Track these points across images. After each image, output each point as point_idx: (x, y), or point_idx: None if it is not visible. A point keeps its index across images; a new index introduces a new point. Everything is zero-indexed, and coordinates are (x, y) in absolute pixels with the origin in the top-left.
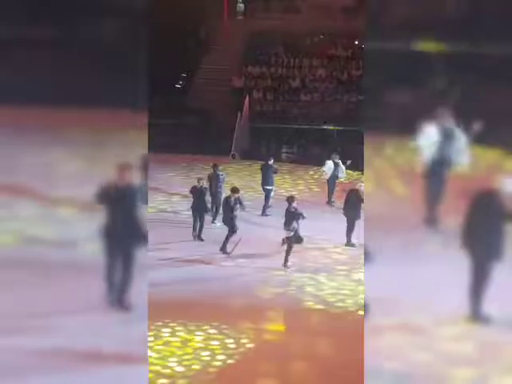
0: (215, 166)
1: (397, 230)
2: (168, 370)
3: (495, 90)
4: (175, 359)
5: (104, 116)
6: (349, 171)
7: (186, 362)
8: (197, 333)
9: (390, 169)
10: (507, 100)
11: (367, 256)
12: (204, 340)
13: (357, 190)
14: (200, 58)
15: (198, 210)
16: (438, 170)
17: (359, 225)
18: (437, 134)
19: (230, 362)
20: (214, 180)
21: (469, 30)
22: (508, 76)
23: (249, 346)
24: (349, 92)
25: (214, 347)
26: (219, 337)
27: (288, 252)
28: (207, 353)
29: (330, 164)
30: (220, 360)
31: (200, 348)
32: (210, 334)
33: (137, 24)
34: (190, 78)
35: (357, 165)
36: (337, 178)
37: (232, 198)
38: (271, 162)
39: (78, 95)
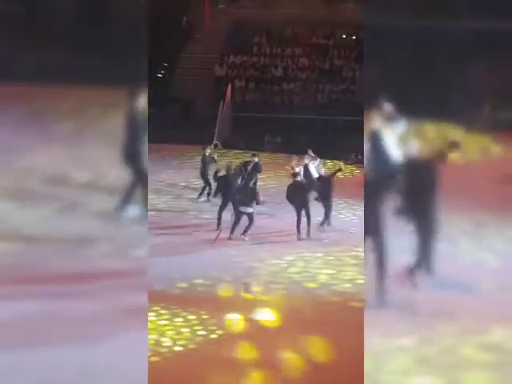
0: (205, 149)
1: None
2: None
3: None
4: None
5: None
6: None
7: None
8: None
9: None
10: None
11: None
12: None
13: (296, 173)
14: (182, 46)
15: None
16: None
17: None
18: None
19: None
20: (205, 162)
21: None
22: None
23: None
24: (331, 81)
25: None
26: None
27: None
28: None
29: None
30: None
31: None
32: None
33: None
34: (171, 67)
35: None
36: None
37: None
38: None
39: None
